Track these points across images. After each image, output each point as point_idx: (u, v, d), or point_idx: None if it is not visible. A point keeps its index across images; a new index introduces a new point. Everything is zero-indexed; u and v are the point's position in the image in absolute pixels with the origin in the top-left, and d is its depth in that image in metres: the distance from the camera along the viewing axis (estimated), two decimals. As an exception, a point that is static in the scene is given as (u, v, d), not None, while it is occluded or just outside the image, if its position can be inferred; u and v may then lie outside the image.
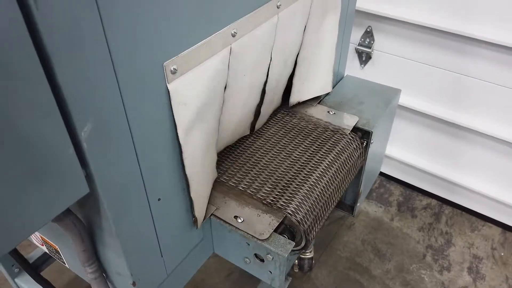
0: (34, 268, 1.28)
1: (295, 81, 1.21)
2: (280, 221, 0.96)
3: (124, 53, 0.58)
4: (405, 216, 2.40)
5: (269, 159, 1.12)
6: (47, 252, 1.02)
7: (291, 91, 1.23)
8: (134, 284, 0.80)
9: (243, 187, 1.03)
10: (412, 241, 2.09)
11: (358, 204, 1.42)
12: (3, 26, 0.43)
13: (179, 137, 0.74)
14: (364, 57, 2.25)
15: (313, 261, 1.18)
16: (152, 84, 0.65)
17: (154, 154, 0.71)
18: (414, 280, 1.87)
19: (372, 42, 2.17)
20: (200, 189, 0.88)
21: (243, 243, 0.95)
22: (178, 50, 0.67)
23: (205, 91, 0.77)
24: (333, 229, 2.31)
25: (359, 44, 2.22)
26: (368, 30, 2.15)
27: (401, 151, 2.46)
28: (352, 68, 2.31)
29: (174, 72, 0.68)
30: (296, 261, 1.15)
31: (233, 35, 0.79)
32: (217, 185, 1.03)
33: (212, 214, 0.97)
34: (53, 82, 0.51)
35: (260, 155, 1.13)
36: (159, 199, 0.77)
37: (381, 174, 2.65)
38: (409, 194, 2.58)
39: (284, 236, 0.96)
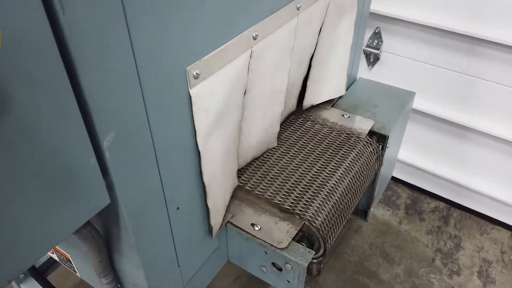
0: (41, 273, 1.26)
1: (309, 83, 1.18)
2: (299, 228, 0.94)
3: (149, 60, 0.55)
4: (413, 219, 2.38)
5: (284, 163, 1.09)
6: (57, 260, 0.99)
7: (305, 94, 1.20)
8: (151, 295, 0.77)
9: (259, 192, 1.00)
10: (421, 244, 2.07)
11: (371, 209, 1.39)
12: (28, 31, 0.40)
13: (198, 143, 0.71)
14: (372, 58, 2.23)
15: (322, 266, 1.15)
16: (174, 90, 0.62)
17: (174, 161, 0.69)
18: (423, 284, 1.85)
19: (380, 43, 2.15)
20: (218, 198, 0.85)
21: (260, 252, 0.93)
22: (201, 54, 0.64)
23: (225, 96, 0.74)
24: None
25: (367, 45, 2.19)
26: (376, 31, 2.12)
27: (408, 153, 2.44)
28: (359, 69, 2.29)
29: (196, 77, 0.65)
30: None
31: (254, 38, 0.76)
32: (235, 192, 1.01)
33: (228, 221, 0.94)
34: (77, 90, 0.48)
35: (275, 160, 1.10)
36: (177, 208, 0.74)
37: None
38: (416, 197, 2.55)
39: (302, 244, 0.94)
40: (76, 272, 0.96)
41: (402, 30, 2.05)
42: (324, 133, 1.18)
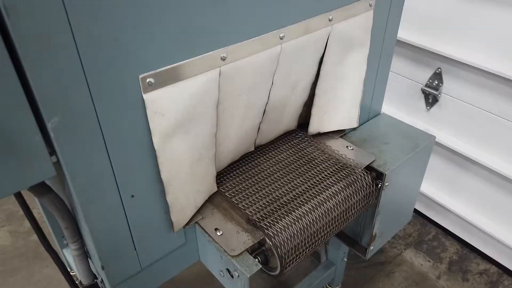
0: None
1: (314, 111, 1.22)
2: (256, 242, 0.98)
3: (96, 63, 0.67)
4: (455, 276, 2.21)
5: (272, 180, 1.15)
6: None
7: (310, 120, 1.24)
8: (102, 268, 0.89)
9: (236, 201, 1.07)
10: (456, 307, 1.92)
11: (371, 247, 1.36)
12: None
13: (154, 142, 0.82)
14: (431, 99, 2.16)
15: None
16: (126, 92, 0.74)
17: (127, 154, 0.80)
18: None
19: (440, 84, 2.08)
20: (181, 197, 0.94)
21: (217, 256, 1.00)
22: (156, 66, 0.75)
23: (187, 106, 0.84)
24: (369, 273, 2.21)
25: (426, 85, 2.13)
26: (437, 71, 2.06)
27: (463, 205, 2.28)
28: (417, 109, 2.22)
29: (150, 84, 0.76)
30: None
31: (223, 59, 0.85)
32: (213, 195, 1.09)
33: (196, 222, 1.03)
34: (25, 80, 0.62)
35: (265, 175, 1.16)
36: (132, 196, 0.86)
37: (438, 226, 2.49)
38: (465, 254, 2.37)
39: (257, 258, 0.98)
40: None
41: (465, 74, 1.97)
42: (320, 160, 1.21)
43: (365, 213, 1.31)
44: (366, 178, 1.16)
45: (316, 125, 1.26)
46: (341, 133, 1.32)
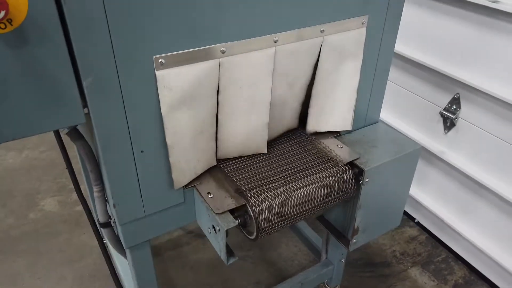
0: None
1: (310, 111, 1.42)
2: (238, 205, 1.19)
3: (122, 42, 0.93)
4: (457, 300, 2.24)
5: (265, 163, 1.35)
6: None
7: (307, 119, 1.44)
8: (114, 206, 1.14)
9: (231, 175, 1.29)
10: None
11: (354, 240, 1.51)
12: (44, 11, 0.83)
13: (162, 111, 1.06)
14: (449, 123, 2.26)
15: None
16: (144, 68, 0.99)
17: (140, 116, 1.05)
18: None
19: (458, 109, 2.18)
20: (183, 161, 1.18)
21: (206, 214, 1.22)
22: (168, 50, 1.00)
23: (191, 86, 1.08)
24: (371, 282, 2.31)
25: (445, 109, 2.24)
26: (456, 96, 2.17)
27: (473, 231, 2.34)
28: (435, 131, 2.33)
29: (161, 64, 1.01)
30: None
31: (222, 52, 1.09)
32: (213, 168, 1.32)
33: (194, 186, 1.26)
34: (71, 49, 0.90)
35: (261, 159, 1.37)
36: (142, 151, 1.10)
37: (450, 250, 2.54)
38: (472, 280, 2.41)
39: (237, 219, 1.19)
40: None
41: (482, 101, 2.07)
42: (312, 152, 1.40)
43: (350, 206, 1.47)
44: (347, 171, 1.33)
45: (313, 124, 1.46)
46: (336, 134, 1.50)
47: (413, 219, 2.67)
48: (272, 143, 1.44)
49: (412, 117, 2.47)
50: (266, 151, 1.39)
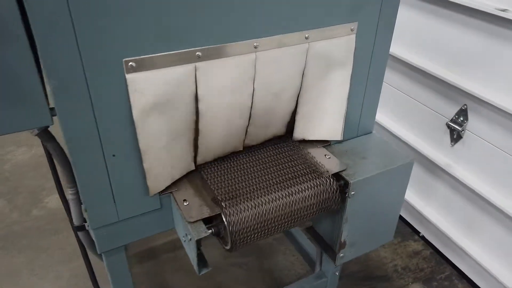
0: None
1: (297, 118, 1.37)
2: (212, 215, 1.16)
3: (88, 42, 0.91)
4: (456, 319, 2.15)
5: (247, 171, 1.31)
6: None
7: (294, 126, 1.40)
8: (85, 210, 1.13)
9: (210, 182, 1.26)
10: None
11: (341, 254, 1.45)
12: (4, 10, 0.82)
13: (133, 115, 1.04)
14: (455, 135, 2.17)
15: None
16: (113, 70, 0.97)
17: (111, 119, 1.03)
18: None
19: (465, 121, 2.10)
20: (158, 166, 1.15)
21: (181, 222, 1.19)
22: (138, 53, 0.98)
23: (164, 91, 1.05)
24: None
25: (452, 120, 2.16)
26: (463, 108, 2.09)
27: (478, 248, 2.24)
28: (441, 143, 2.24)
29: (132, 67, 0.99)
30: None
31: (198, 57, 1.06)
32: (192, 174, 1.29)
33: (171, 192, 1.23)
34: (36, 52, 0.89)
35: (243, 167, 1.33)
36: (113, 155, 1.08)
37: (454, 267, 2.44)
38: (478, 301, 2.29)
39: (211, 229, 1.16)
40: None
41: (491, 114, 1.98)
42: (296, 162, 1.35)
43: (337, 219, 1.41)
44: (330, 183, 1.28)
45: (300, 131, 1.41)
46: (325, 143, 1.45)
47: (417, 232, 2.58)
48: (256, 148, 1.40)
49: (418, 127, 2.39)
50: (241, 148, 1.36)
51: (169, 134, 1.14)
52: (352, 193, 1.31)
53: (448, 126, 2.16)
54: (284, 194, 1.23)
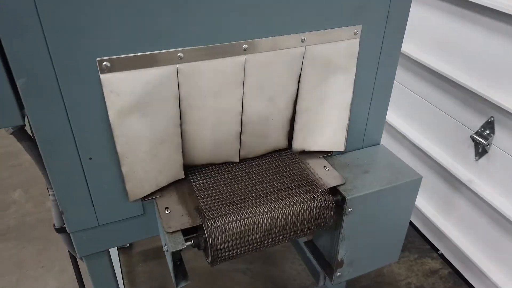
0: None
1: (296, 128, 1.28)
2: (192, 226, 1.09)
3: (57, 38, 0.86)
4: None
5: (238, 181, 1.23)
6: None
7: (293, 137, 1.30)
8: (62, 212, 1.08)
9: (198, 190, 1.19)
10: None
11: (338, 273, 1.35)
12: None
13: (109, 117, 0.98)
14: (480, 149, 2.01)
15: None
16: (86, 70, 0.92)
17: (86, 121, 0.98)
18: None
19: (491, 135, 1.94)
20: (140, 171, 1.09)
21: (161, 231, 1.12)
22: (112, 53, 0.92)
23: (143, 92, 0.99)
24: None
25: (477, 133, 2.00)
26: (490, 120, 1.93)
27: (502, 274, 2.06)
28: (465, 156, 2.08)
29: (106, 67, 0.93)
30: None
31: (180, 58, 0.99)
32: (182, 183, 1.22)
33: (154, 198, 1.17)
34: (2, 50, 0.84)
35: (235, 176, 1.25)
36: (90, 158, 1.03)
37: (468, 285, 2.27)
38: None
39: (190, 241, 1.09)
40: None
41: (519, 127, 1.81)
42: (292, 172, 1.26)
43: (335, 236, 1.31)
44: (325, 198, 1.18)
45: (299, 142, 1.32)
46: (326, 154, 1.35)
47: (436, 250, 2.42)
48: (254, 160, 1.32)
49: (441, 138, 2.23)
50: (238, 160, 1.28)
51: (153, 138, 1.07)
52: (350, 209, 1.21)
53: (473, 139, 2.00)
54: (273, 207, 1.14)
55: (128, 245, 2.40)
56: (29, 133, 1.06)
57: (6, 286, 2.22)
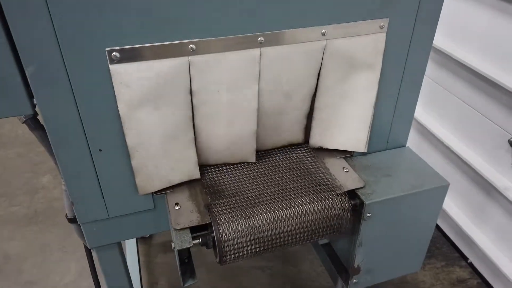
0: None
1: (314, 124, 1.22)
2: (201, 223, 1.06)
3: (66, 26, 0.84)
4: None
5: (252, 179, 1.19)
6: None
7: (311, 133, 1.25)
8: (72, 203, 1.08)
9: (210, 190, 1.15)
10: None
11: (354, 280, 1.29)
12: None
13: (119, 109, 0.96)
14: (518, 155, 1.87)
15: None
16: (95, 59, 0.90)
17: (96, 112, 0.96)
18: None
19: (533, 139, 1.79)
20: (150, 165, 1.07)
21: (171, 226, 1.10)
22: (122, 43, 0.89)
23: (154, 84, 0.96)
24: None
25: (515, 137, 1.86)
26: (530, 124, 1.79)
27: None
28: (501, 162, 1.96)
29: (115, 57, 0.90)
30: None
31: (192, 49, 0.95)
32: (196, 181, 1.19)
33: (165, 193, 1.15)
34: (11, 37, 0.83)
35: (249, 174, 1.21)
36: (100, 150, 1.02)
37: None
38: None
39: (198, 239, 1.06)
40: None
41: None
42: (308, 172, 1.21)
43: (353, 241, 1.25)
44: (341, 200, 1.12)
45: (317, 139, 1.26)
46: (346, 154, 1.28)
47: (465, 258, 2.30)
48: (267, 154, 1.27)
49: (476, 141, 2.10)
50: (254, 160, 1.23)
51: (165, 132, 1.04)
52: (368, 215, 1.14)
53: (511, 144, 1.87)
54: (285, 206, 1.09)
55: (148, 235, 2.41)
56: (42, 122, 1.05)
57: (31, 268, 2.29)
